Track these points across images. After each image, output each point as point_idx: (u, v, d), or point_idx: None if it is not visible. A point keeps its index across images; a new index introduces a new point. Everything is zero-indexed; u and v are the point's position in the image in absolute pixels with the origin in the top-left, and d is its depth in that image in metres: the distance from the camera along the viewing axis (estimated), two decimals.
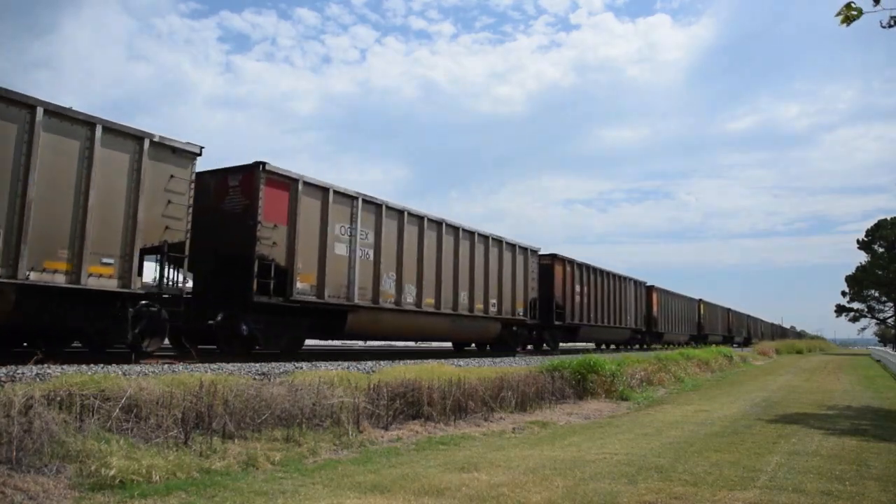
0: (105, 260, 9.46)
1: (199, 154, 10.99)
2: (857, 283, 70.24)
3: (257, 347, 12.79)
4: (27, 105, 8.69)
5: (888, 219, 66.75)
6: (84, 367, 7.98)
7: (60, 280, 8.94)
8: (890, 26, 6.04)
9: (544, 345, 24.38)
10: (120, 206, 9.73)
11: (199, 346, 11.22)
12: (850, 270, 71.95)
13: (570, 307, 24.56)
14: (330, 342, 21.75)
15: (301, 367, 10.08)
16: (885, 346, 63.92)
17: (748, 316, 70.00)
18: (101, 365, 8.41)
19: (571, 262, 25.15)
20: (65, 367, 7.70)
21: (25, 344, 10.75)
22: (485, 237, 19.31)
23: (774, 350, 46.01)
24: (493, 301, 19.42)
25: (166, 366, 8.84)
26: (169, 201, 10.38)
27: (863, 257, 70.11)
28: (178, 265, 11.03)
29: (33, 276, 8.64)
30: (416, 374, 9.74)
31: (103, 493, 5.01)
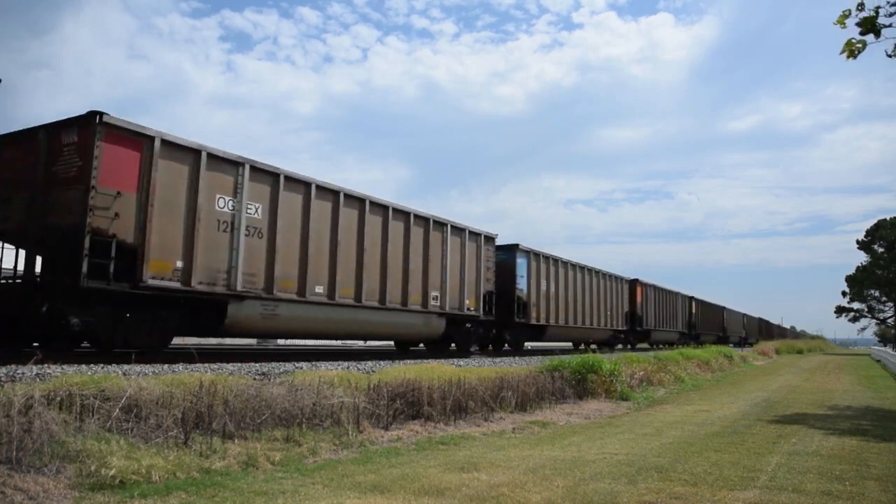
0: None
1: None
2: (857, 283, 70.31)
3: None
4: None
5: (888, 219, 66.86)
6: (84, 367, 7.99)
7: None
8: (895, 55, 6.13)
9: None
10: None
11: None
12: (851, 270, 72.13)
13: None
14: (224, 341, 20.17)
15: (301, 367, 10.09)
16: (885, 346, 63.89)
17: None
18: (101, 365, 8.41)
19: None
20: (65, 367, 7.70)
21: None
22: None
23: (774, 350, 45.99)
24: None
25: (166, 366, 8.84)
26: None
27: (863, 257, 70.26)
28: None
29: None
30: (416, 374, 9.74)
31: (103, 493, 5.01)
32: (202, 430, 6.59)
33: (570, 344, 27.76)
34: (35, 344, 10.44)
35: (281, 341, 27.44)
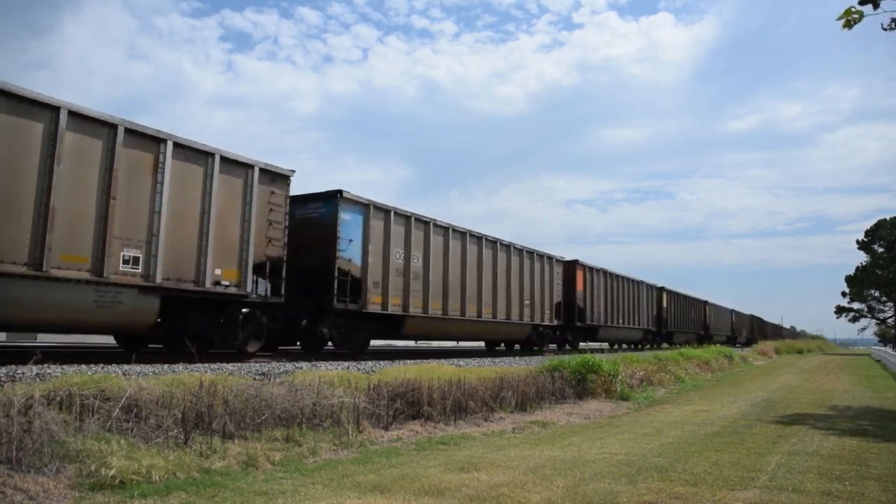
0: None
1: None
2: (857, 283, 70.31)
3: None
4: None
5: (888, 219, 66.85)
6: (84, 367, 7.99)
7: None
8: (891, 28, 6.06)
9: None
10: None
11: None
12: (851, 270, 72.09)
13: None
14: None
15: (301, 367, 10.09)
16: (885, 346, 63.90)
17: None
18: (101, 365, 8.41)
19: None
20: (64, 367, 7.70)
21: None
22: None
23: (774, 350, 46.01)
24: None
25: (166, 366, 8.84)
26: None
27: (863, 257, 70.23)
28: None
29: None
30: (416, 374, 9.74)
31: (103, 493, 5.01)
32: (202, 430, 6.59)
33: (607, 344, 31.23)
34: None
35: None
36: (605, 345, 30.97)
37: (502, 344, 23.63)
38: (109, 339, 17.70)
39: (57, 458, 5.35)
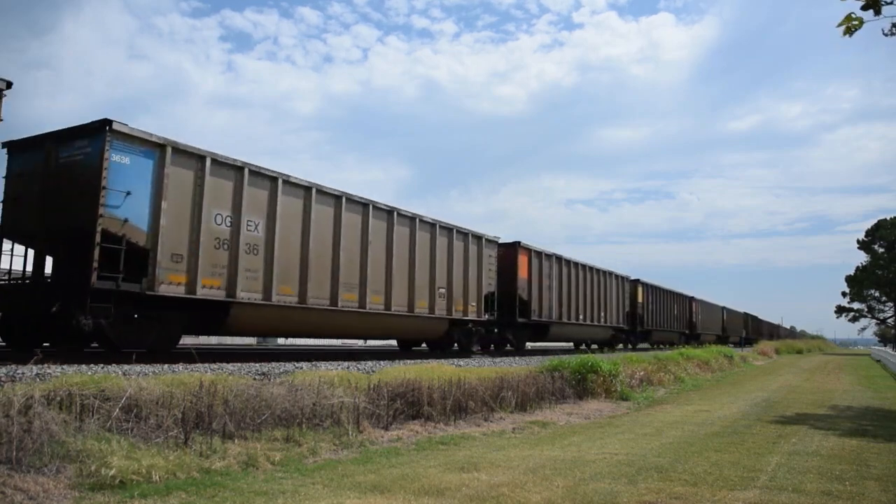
0: None
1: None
2: (857, 283, 70.33)
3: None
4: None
5: (888, 219, 66.88)
6: (84, 367, 7.99)
7: None
8: (892, 34, 6.07)
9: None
10: None
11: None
12: (851, 270, 72.11)
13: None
14: (224, 340, 21.13)
15: (301, 367, 10.09)
16: (885, 346, 63.90)
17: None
18: (101, 365, 8.41)
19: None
20: (64, 367, 7.70)
21: None
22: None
23: (774, 350, 46.02)
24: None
25: (166, 366, 8.84)
26: None
27: (863, 257, 70.26)
28: None
29: None
30: (416, 374, 9.74)
31: (103, 493, 5.01)
32: (202, 430, 6.59)
33: (571, 344, 28.19)
34: None
35: (281, 340, 27.49)
36: (570, 345, 28.11)
37: (424, 344, 19.95)
38: None
39: (57, 458, 5.35)
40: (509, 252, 21.08)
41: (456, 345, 19.24)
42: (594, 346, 28.33)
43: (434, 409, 9.23)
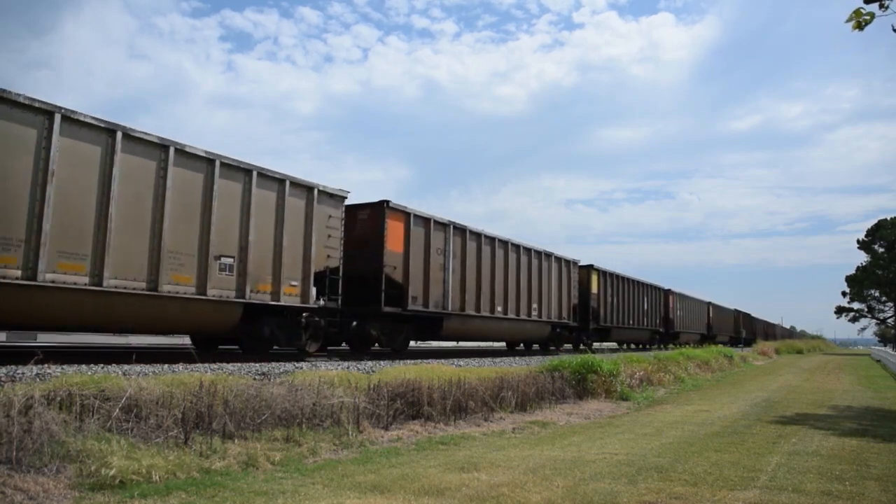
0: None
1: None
2: (857, 283, 70.39)
3: None
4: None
5: (888, 219, 66.93)
6: (84, 367, 7.99)
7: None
8: None
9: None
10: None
11: None
12: (851, 270, 72.15)
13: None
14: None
15: (301, 367, 10.09)
16: (885, 346, 63.90)
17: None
18: (101, 365, 8.41)
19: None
20: (65, 367, 7.70)
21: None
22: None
23: (774, 350, 46.04)
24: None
25: (166, 366, 8.84)
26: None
27: (863, 257, 70.32)
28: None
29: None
30: (416, 374, 9.74)
31: (103, 493, 5.01)
32: (202, 430, 6.59)
33: (623, 345, 32.40)
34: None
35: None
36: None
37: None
38: (108, 339, 17.73)
39: (57, 458, 5.35)
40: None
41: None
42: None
43: (434, 409, 9.23)
